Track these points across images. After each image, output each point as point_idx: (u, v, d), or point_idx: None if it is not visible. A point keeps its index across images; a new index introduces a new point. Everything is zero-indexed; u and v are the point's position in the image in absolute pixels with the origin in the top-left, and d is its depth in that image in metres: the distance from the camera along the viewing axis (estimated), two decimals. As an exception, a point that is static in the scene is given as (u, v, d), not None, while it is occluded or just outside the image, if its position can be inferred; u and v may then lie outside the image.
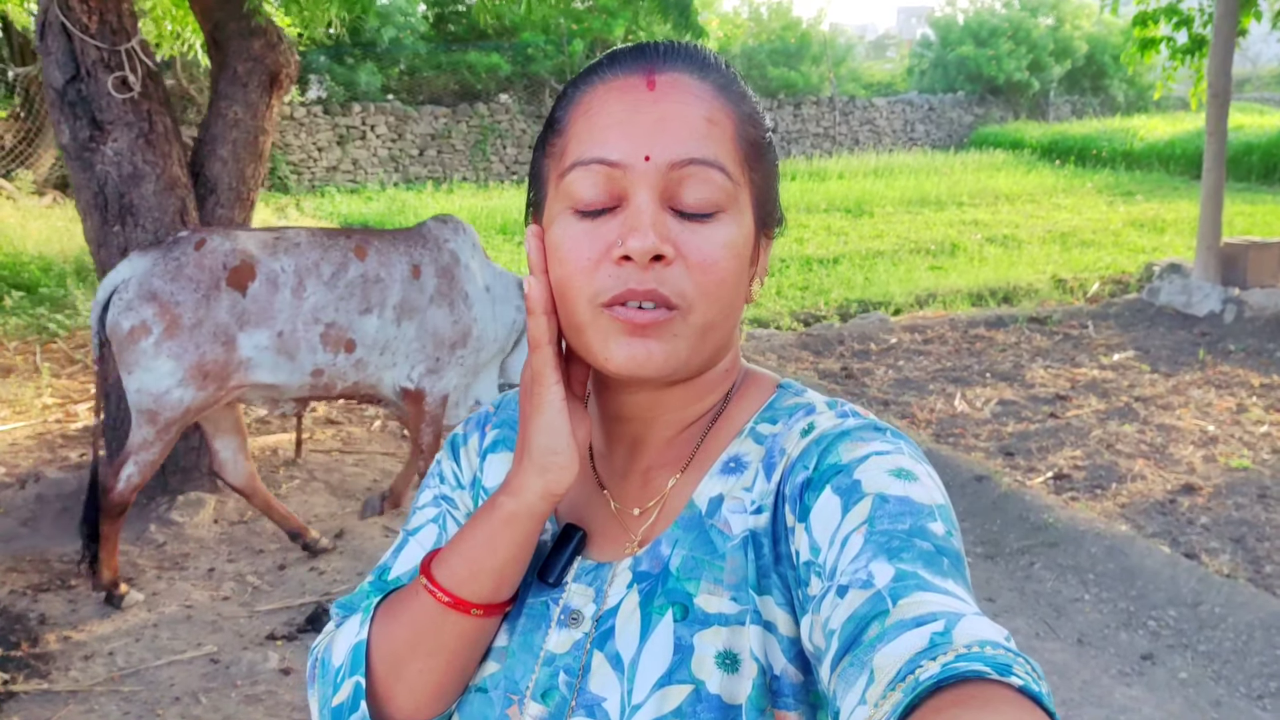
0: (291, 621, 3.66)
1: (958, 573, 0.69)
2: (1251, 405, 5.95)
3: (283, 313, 3.66)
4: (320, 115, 17.13)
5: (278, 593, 3.88)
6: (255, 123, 4.62)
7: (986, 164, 19.33)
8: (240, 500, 4.59)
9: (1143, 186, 16.86)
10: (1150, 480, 4.86)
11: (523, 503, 0.82)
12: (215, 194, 4.57)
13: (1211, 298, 7.89)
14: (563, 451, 0.81)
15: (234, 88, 4.57)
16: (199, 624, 3.63)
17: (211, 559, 4.12)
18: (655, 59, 0.82)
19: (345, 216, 13.54)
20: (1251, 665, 3.37)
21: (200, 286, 3.55)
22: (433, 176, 18.08)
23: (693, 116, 0.80)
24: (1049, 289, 9.36)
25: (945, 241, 11.66)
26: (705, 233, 0.79)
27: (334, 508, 4.60)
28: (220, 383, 3.60)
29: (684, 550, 0.84)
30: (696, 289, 0.79)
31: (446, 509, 0.97)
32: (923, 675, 0.56)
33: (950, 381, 6.52)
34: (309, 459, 5.10)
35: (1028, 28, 25.61)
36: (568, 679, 0.84)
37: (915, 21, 70.75)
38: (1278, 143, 17.65)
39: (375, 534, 4.35)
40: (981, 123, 25.17)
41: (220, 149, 4.58)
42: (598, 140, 0.80)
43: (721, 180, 0.80)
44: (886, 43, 64.46)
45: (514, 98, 19.24)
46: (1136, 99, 27.55)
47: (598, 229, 0.79)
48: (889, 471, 0.76)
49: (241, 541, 4.27)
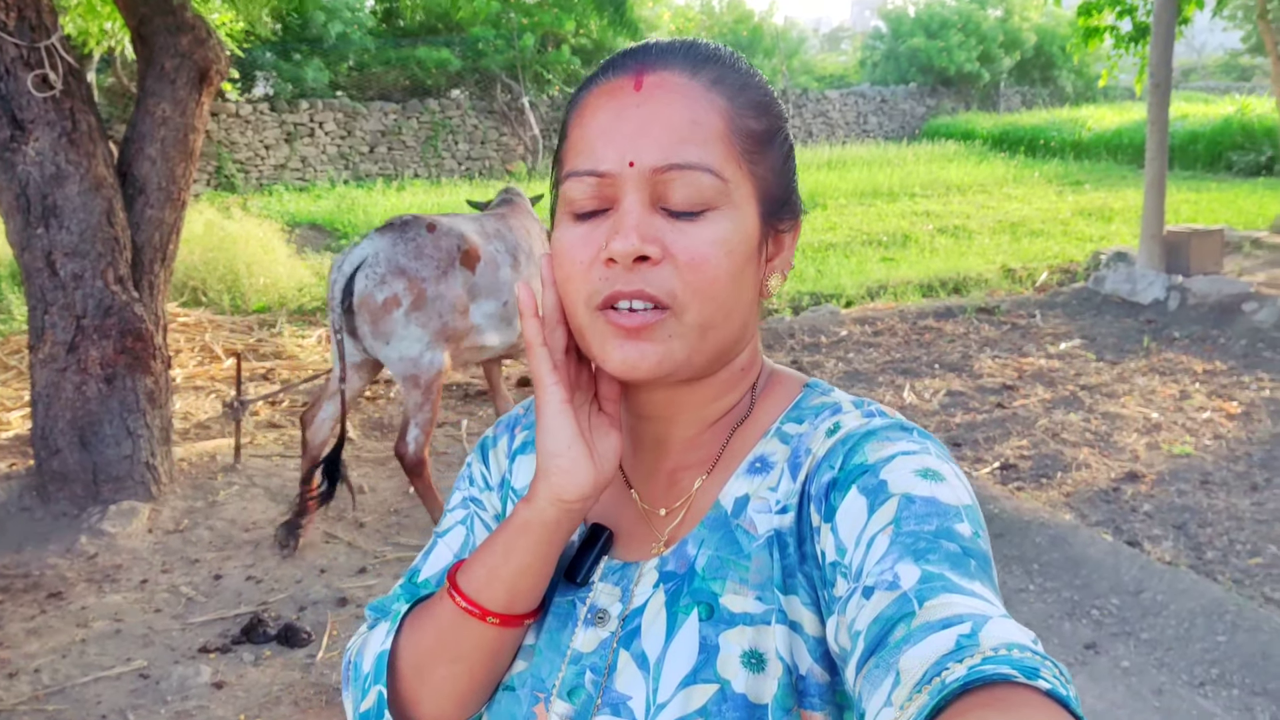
0: (226, 633, 3.56)
1: (984, 574, 0.69)
2: (1194, 391, 6.00)
3: (506, 285, 4.30)
4: (267, 112, 16.87)
5: (212, 603, 3.78)
6: (184, 120, 4.51)
7: (938, 155, 19.47)
8: (176, 508, 4.48)
9: (1091, 176, 17.05)
10: (1095, 469, 4.88)
11: (534, 510, 0.83)
12: (144, 194, 4.45)
13: (1156, 285, 7.97)
14: (563, 455, 0.81)
15: (161, 84, 4.46)
16: (129, 638, 3.53)
17: (144, 570, 4.01)
18: (646, 59, 0.83)
19: (293, 215, 13.33)
20: (1193, 652, 3.38)
21: (439, 265, 4.07)
22: (384, 174, 17.88)
23: (676, 119, 0.80)
24: (999, 279, 9.42)
25: (897, 233, 11.71)
26: (693, 231, 0.79)
27: (273, 513, 4.50)
28: (456, 345, 4.17)
29: (710, 550, 0.84)
30: (687, 288, 0.79)
31: (475, 511, 0.98)
32: (949, 678, 0.56)
33: (899, 373, 6.53)
34: (248, 464, 4.99)
35: (977, 20, 25.85)
36: (594, 678, 0.84)
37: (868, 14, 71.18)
38: (1222, 131, 17.91)
39: (316, 541, 4.26)
40: (933, 114, 25.37)
41: (148, 148, 4.46)
42: (587, 150, 0.81)
43: (709, 180, 0.79)
44: (840, 35, 64.77)
45: (465, 93, 19.07)
46: (1084, 89, 27.91)
47: (591, 233, 0.81)
48: (916, 472, 0.76)
49: (176, 551, 4.16)
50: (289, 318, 8.09)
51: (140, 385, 4.41)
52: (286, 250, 9.70)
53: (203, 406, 5.98)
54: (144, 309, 4.41)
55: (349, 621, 3.65)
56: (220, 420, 5.66)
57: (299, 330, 7.79)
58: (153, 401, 4.47)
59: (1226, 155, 17.62)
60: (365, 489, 4.81)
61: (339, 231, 12.45)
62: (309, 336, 7.60)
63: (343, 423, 4.10)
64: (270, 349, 7.24)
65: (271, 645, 3.49)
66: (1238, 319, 7.35)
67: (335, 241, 11.89)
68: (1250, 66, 38.09)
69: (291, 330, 7.74)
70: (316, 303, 8.40)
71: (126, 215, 4.37)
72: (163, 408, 4.56)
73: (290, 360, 7.01)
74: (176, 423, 5.43)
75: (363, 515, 4.55)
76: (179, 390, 6.18)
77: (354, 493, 4.34)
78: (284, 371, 6.70)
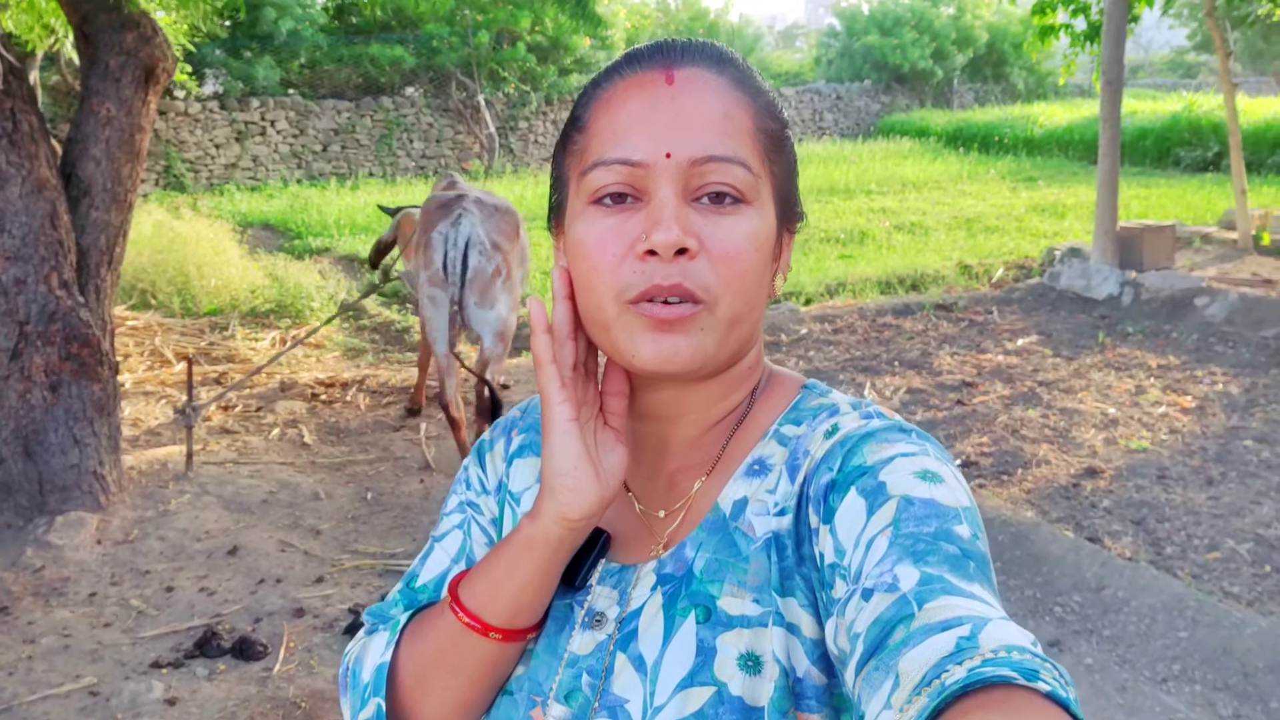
0: (178, 647, 3.47)
1: (984, 576, 0.69)
2: (1149, 386, 6.07)
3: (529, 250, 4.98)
4: (217, 111, 16.60)
5: (164, 616, 3.68)
6: (130, 120, 4.39)
7: (894, 152, 19.60)
8: (125, 519, 4.37)
9: (1043, 172, 17.25)
10: (1055, 465, 4.91)
11: (539, 527, 0.82)
12: (89, 196, 4.33)
13: (1110, 281, 8.06)
14: (569, 474, 0.80)
15: (106, 83, 4.34)
16: (77, 654, 3.42)
17: (93, 583, 3.90)
18: (673, 55, 0.83)
19: (245, 215, 13.12)
20: (1154, 649, 3.40)
21: (513, 241, 4.65)
22: (337, 172, 17.66)
23: (711, 111, 0.80)
24: (955, 275, 9.48)
25: (854, 230, 11.75)
26: (728, 224, 0.79)
27: (227, 523, 4.40)
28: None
29: (708, 553, 0.84)
30: (721, 281, 0.79)
31: (471, 515, 0.98)
32: (949, 680, 0.56)
33: (860, 371, 6.54)
34: (201, 471, 4.88)
35: (930, 17, 26.06)
36: (591, 680, 0.84)
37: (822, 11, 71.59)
38: (1171, 127, 18.20)
39: (271, 550, 4.17)
40: (888, 111, 25.55)
41: (93, 148, 4.33)
42: (619, 138, 0.80)
43: (742, 174, 0.80)
44: (795, 33, 65.09)
45: (420, 91, 18.89)
46: (1036, 86, 28.25)
47: (622, 225, 0.79)
48: (914, 473, 0.76)
49: (126, 563, 4.05)
50: (241, 320, 7.94)
51: (87, 393, 4.29)
52: (238, 251, 9.53)
53: (153, 412, 5.84)
54: (90, 314, 4.29)
55: (305, 633, 3.57)
56: (171, 426, 5.53)
57: (252, 333, 7.65)
58: (100, 409, 4.36)
59: (1174, 151, 17.91)
60: (322, 495, 4.72)
61: (292, 232, 12.27)
62: (262, 339, 7.47)
63: (480, 375, 4.63)
64: (222, 352, 7.10)
65: (226, 659, 3.40)
66: (1190, 314, 7.45)
67: (288, 242, 11.71)
68: (1196, 64, 38.79)
69: (244, 333, 7.60)
70: (270, 305, 8.26)
71: (71, 218, 4.25)
72: (111, 415, 4.44)
73: (243, 363, 6.88)
74: (126, 429, 5.30)
75: (319, 522, 4.46)
76: (128, 396, 6.03)
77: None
78: (237, 375, 6.57)
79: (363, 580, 3.98)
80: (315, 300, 8.26)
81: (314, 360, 7.09)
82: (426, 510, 4.61)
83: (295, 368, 6.82)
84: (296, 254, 10.76)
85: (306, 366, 6.89)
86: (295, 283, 8.56)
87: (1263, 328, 7.05)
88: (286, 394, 6.26)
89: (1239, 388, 6.01)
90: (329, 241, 11.47)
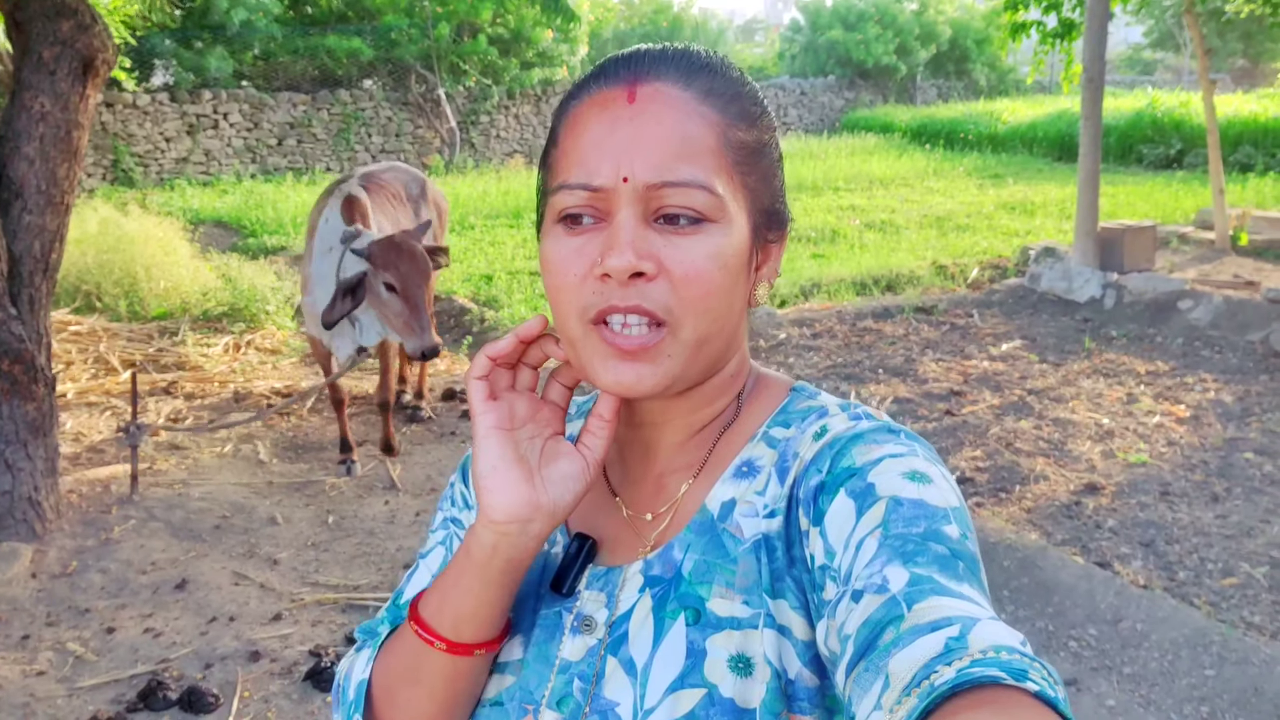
0: (120, 698, 3.14)
1: (973, 576, 0.68)
2: (1141, 395, 5.89)
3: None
4: (167, 103, 16.04)
5: (104, 663, 3.34)
6: (67, 116, 4.03)
7: (859, 148, 19.44)
8: (64, 548, 4.02)
9: (1010, 169, 17.16)
10: (1053, 480, 4.70)
11: (472, 534, 0.82)
12: (21, 199, 3.97)
13: (1092, 283, 7.90)
14: (488, 475, 0.80)
15: (40, 76, 3.98)
16: (7, 708, 3.08)
17: (26, 624, 3.55)
18: (640, 69, 0.81)
19: (197, 212, 12.65)
20: (1180, 688, 3.18)
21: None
22: (293, 167, 17.18)
23: (670, 135, 0.78)
24: (930, 275, 9.28)
25: (825, 228, 11.54)
26: (687, 245, 0.78)
27: (176, 552, 4.07)
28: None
29: (696, 554, 0.83)
30: (682, 303, 0.78)
31: (454, 531, 0.98)
32: (938, 680, 0.56)
33: (843, 379, 6.30)
34: (147, 494, 4.53)
35: (893, 12, 26.00)
36: (582, 685, 0.83)
37: (780, 6, 71.58)
38: (1134, 125, 18.21)
39: (224, 583, 3.84)
40: (852, 107, 25.45)
41: (25, 147, 3.97)
42: (581, 160, 0.80)
43: (702, 197, 0.78)
44: (754, 27, 65.03)
45: (378, 84, 18.42)
46: (998, 82, 28.30)
47: (584, 246, 0.79)
48: (903, 474, 0.75)
49: (63, 600, 3.71)
50: (192, 325, 7.54)
51: (20, 413, 3.94)
52: (190, 250, 9.08)
53: (96, 426, 5.47)
54: (23, 327, 3.94)
55: (262, 680, 3.25)
56: (116, 442, 5.17)
57: (204, 338, 7.25)
58: (35, 430, 4.01)
59: (1137, 148, 17.91)
60: (279, 519, 4.40)
61: (246, 229, 11.82)
62: (214, 345, 7.09)
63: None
64: (172, 359, 6.72)
65: (173, 711, 3.08)
66: (1174, 317, 7.30)
67: (242, 240, 11.28)
68: (1153, 61, 39.16)
69: (195, 338, 7.20)
70: (222, 308, 7.86)
71: (2, 223, 3.90)
72: (48, 435, 4.09)
73: (194, 371, 6.50)
74: (66, 446, 4.94)
75: (276, 550, 4.14)
76: (70, 408, 5.66)
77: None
78: (188, 384, 6.20)
79: (324, 617, 3.66)
80: (270, 303, 7.87)
81: (270, 367, 6.73)
82: (392, 535, 4.29)
83: (250, 375, 6.46)
84: (250, 253, 10.33)
85: (262, 374, 6.53)
86: (249, 284, 8.14)
87: (1248, 331, 6.91)
88: (241, 404, 5.91)
89: (1231, 395, 5.85)
90: (284, 240, 11.04)
